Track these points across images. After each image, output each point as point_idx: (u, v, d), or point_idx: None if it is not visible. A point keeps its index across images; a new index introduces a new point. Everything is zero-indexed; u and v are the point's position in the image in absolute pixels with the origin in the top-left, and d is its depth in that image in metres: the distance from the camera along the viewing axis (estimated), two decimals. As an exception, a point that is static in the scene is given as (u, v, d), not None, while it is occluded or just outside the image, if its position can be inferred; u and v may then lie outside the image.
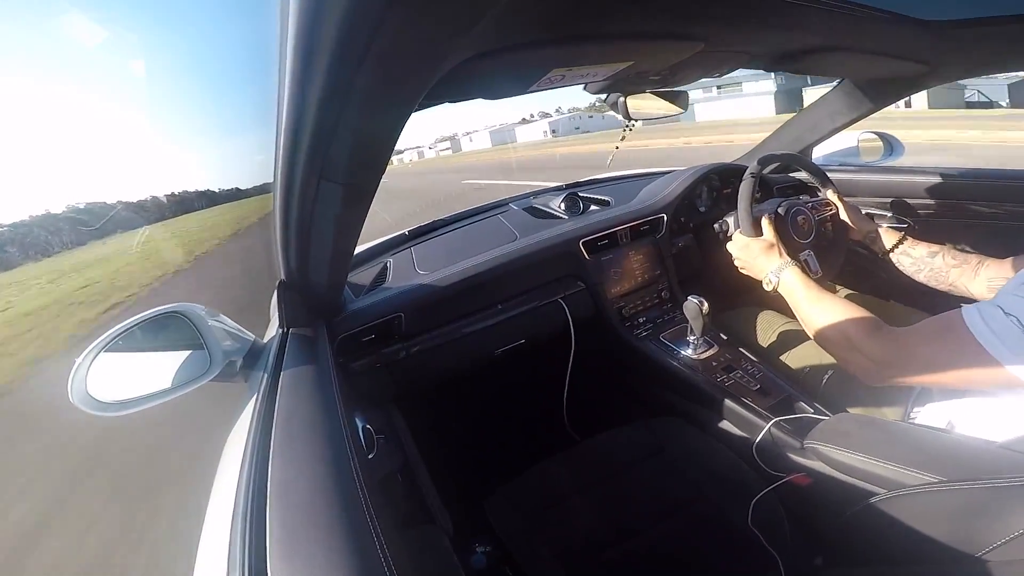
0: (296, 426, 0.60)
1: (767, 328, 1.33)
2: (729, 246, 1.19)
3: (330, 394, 0.70)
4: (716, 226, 1.33)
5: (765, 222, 1.13)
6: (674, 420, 1.13)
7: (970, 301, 1.30)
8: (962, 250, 1.13)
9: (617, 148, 1.73)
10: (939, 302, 1.46)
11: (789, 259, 1.05)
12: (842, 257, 1.32)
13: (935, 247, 1.15)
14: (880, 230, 1.25)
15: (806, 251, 1.23)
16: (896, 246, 1.20)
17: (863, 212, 1.35)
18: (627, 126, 1.40)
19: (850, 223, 1.28)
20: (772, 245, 1.09)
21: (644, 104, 1.16)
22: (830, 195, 1.32)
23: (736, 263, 1.18)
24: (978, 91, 22.28)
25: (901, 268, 1.20)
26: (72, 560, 2.24)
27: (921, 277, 1.16)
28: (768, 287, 1.06)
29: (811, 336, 0.97)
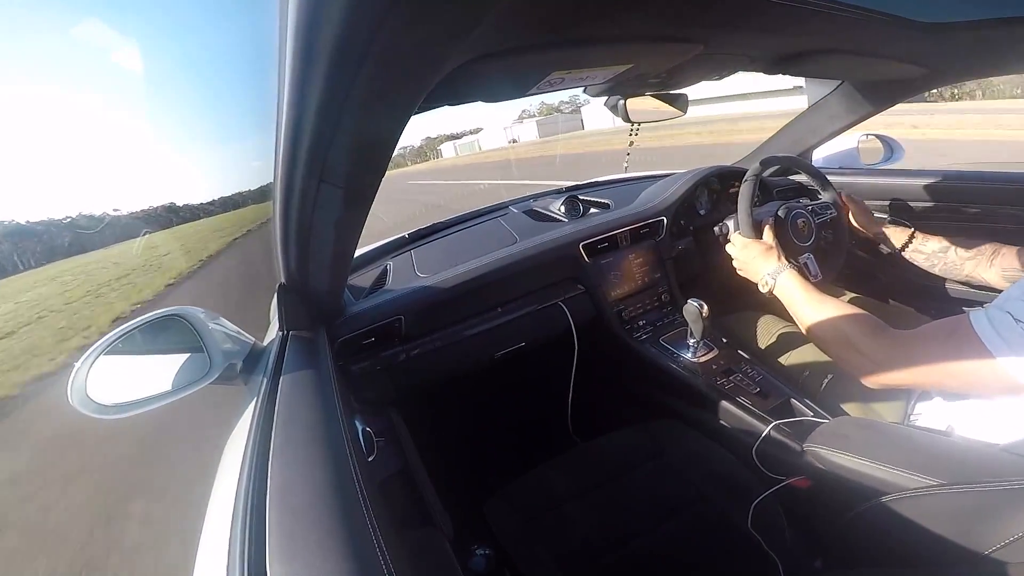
0: (296, 429, 0.60)
1: (767, 331, 1.33)
2: (728, 247, 1.19)
3: (330, 397, 0.70)
4: (716, 229, 1.34)
5: (766, 226, 1.14)
6: (674, 423, 1.13)
7: (979, 295, 1.31)
8: (973, 242, 1.14)
9: (628, 155, 1.74)
10: (939, 303, 1.46)
11: (787, 262, 1.05)
12: (842, 260, 1.32)
13: (946, 241, 1.16)
14: (889, 230, 1.25)
15: (806, 254, 1.23)
16: (907, 244, 1.21)
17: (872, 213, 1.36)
18: (633, 129, 1.41)
19: (858, 225, 1.29)
20: (771, 248, 1.09)
21: (643, 106, 1.16)
22: (841, 198, 1.33)
23: (734, 264, 1.18)
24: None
25: (915, 264, 1.21)
26: (71, 561, 2.23)
27: (936, 270, 1.18)
28: (764, 289, 1.06)
29: (809, 338, 0.97)
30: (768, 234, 1.13)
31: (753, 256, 1.10)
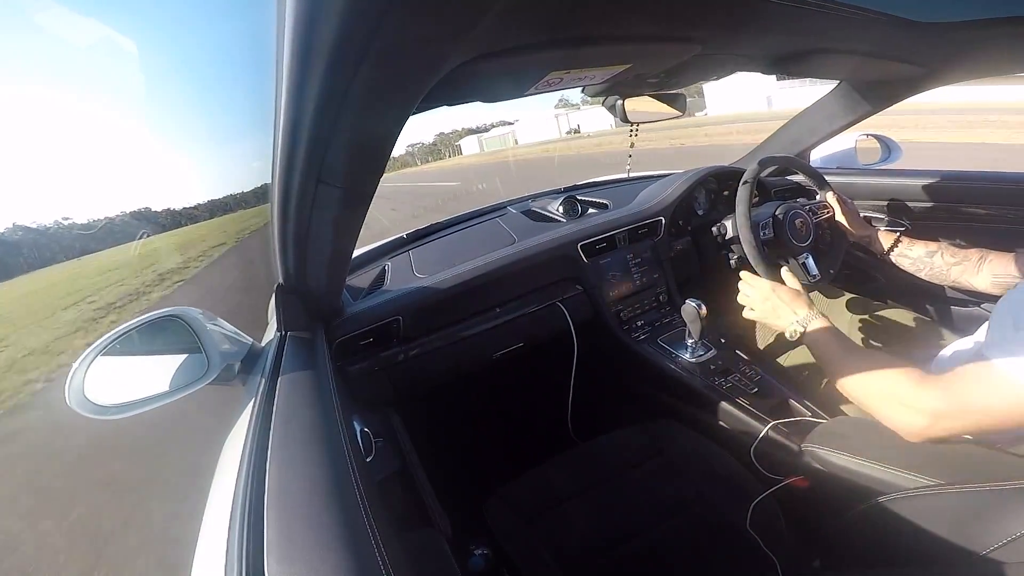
0: (294, 429, 0.60)
1: (765, 331, 1.33)
2: (744, 290, 1.10)
3: (328, 397, 0.70)
4: (714, 229, 1.34)
5: (786, 271, 1.09)
6: (672, 423, 1.13)
7: (973, 297, 1.31)
8: (960, 246, 1.14)
9: (631, 156, 1.74)
10: (936, 304, 1.47)
11: (816, 311, 0.98)
12: (840, 260, 1.32)
13: (932, 246, 1.16)
14: (877, 232, 1.25)
15: (804, 254, 1.23)
16: (893, 247, 1.21)
17: (861, 215, 1.36)
18: (632, 130, 1.41)
19: (847, 226, 1.29)
20: (799, 294, 1.02)
21: (642, 107, 1.16)
22: (829, 197, 1.32)
23: (750, 311, 1.08)
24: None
25: (902, 268, 1.21)
26: (70, 562, 2.23)
27: (922, 276, 1.17)
28: (792, 337, 0.98)
29: (845, 392, 0.88)
30: (792, 280, 1.07)
31: (779, 304, 1.02)
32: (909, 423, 0.75)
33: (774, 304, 1.03)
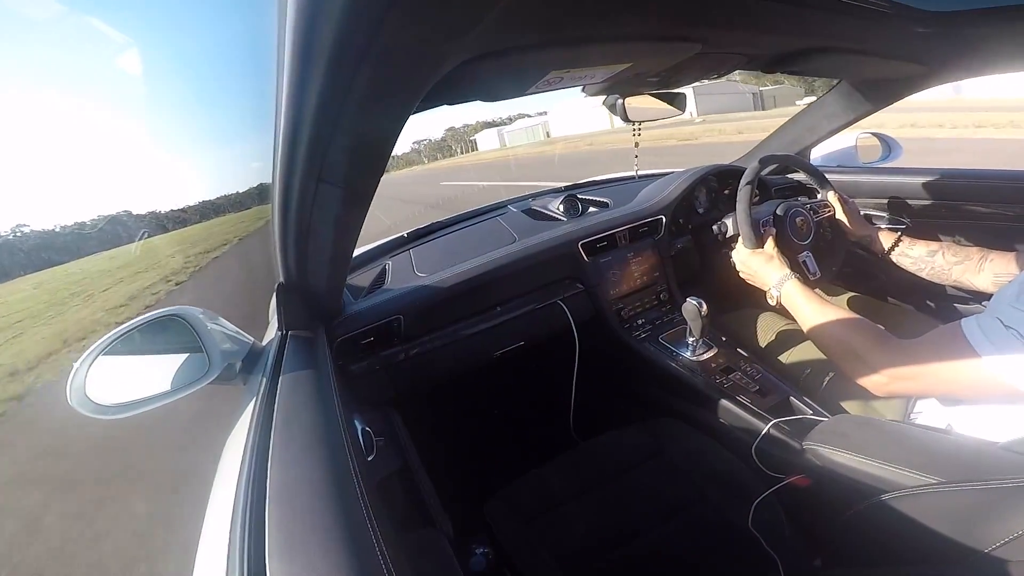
0: (295, 428, 0.60)
1: (767, 330, 1.33)
2: (733, 256, 1.21)
3: (329, 396, 0.70)
4: (715, 228, 1.34)
5: (768, 237, 1.15)
6: (673, 422, 1.13)
7: (975, 296, 1.31)
8: (962, 245, 1.14)
9: (637, 157, 1.74)
10: (938, 303, 1.47)
11: (790, 271, 1.06)
12: (841, 258, 1.32)
13: (934, 245, 1.16)
14: (878, 231, 1.25)
15: (804, 252, 1.23)
16: (894, 247, 1.21)
17: (861, 214, 1.36)
18: (635, 129, 1.41)
19: (848, 225, 1.29)
20: (772, 257, 1.10)
21: (642, 105, 1.16)
22: (830, 197, 1.32)
23: (741, 275, 1.20)
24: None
25: (903, 268, 1.21)
26: (71, 562, 2.23)
27: (924, 275, 1.17)
28: (772, 301, 1.07)
29: (817, 347, 0.99)
30: (770, 243, 1.14)
31: (756, 268, 1.13)
32: (864, 378, 0.85)
33: (754, 267, 1.14)
